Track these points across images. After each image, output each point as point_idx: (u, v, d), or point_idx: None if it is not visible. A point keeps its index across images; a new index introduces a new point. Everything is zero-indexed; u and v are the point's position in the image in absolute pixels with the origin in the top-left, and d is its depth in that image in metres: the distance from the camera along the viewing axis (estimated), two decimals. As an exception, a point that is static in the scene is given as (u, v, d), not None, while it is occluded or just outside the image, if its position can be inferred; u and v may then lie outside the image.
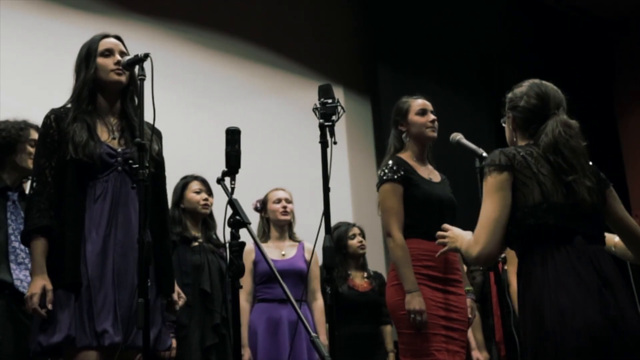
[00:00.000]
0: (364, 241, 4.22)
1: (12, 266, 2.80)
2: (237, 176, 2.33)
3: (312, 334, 2.06)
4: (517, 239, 2.07)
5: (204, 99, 4.85)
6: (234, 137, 2.35)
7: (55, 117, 2.40)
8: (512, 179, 2.07)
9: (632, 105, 7.07)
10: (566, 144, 2.09)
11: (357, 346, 3.92)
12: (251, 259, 3.70)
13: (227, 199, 2.28)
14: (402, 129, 3.13)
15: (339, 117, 2.46)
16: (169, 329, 2.75)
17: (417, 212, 2.97)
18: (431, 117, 3.10)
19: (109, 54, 2.45)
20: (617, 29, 7.16)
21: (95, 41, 2.48)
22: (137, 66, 2.31)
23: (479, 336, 4.13)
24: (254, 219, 3.53)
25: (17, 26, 4.10)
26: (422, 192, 2.98)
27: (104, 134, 2.43)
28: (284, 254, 3.80)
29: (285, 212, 3.84)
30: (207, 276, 3.49)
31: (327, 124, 2.44)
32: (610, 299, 1.96)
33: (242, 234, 2.28)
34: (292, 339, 3.54)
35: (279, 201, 3.85)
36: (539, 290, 1.99)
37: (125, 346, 2.24)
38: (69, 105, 2.45)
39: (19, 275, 2.80)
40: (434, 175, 3.13)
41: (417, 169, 3.06)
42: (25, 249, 2.83)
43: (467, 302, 3.05)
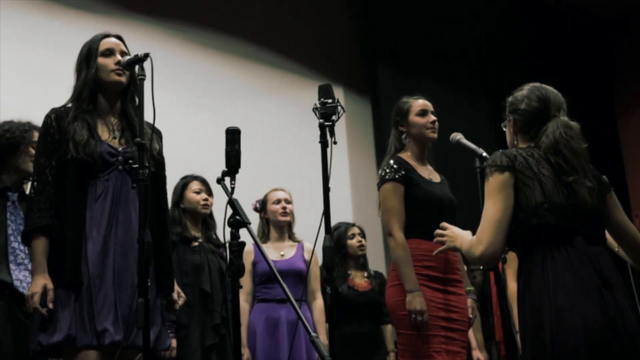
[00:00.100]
0: (363, 241, 4.21)
1: (12, 267, 2.80)
2: (237, 176, 2.33)
3: (312, 334, 2.06)
4: (519, 239, 2.07)
5: (204, 99, 4.85)
6: (233, 137, 2.35)
7: (55, 116, 2.40)
8: (514, 179, 2.07)
9: (632, 105, 7.07)
10: (567, 145, 2.10)
11: (357, 346, 3.91)
12: (250, 259, 3.69)
13: (227, 198, 2.28)
14: (402, 129, 3.12)
15: (339, 117, 2.46)
16: (169, 328, 2.75)
17: (418, 212, 2.96)
18: (432, 117, 3.10)
19: (109, 53, 2.45)
20: (617, 29, 7.16)
21: (96, 41, 2.48)
22: (137, 66, 2.31)
23: (479, 336, 4.13)
24: (254, 219, 3.53)
25: (17, 26, 4.10)
26: (423, 192, 2.98)
27: (104, 134, 2.43)
28: (283, 255, 3.80)
29: (284, 213, 3.84)
30: (207, 276, 3.49)
31: (327, 123, 2.44)
32: (609, 300, 1.97)
33: (242, 234, 2.28)
34: (292, 338, 3.54)
35: (278, 202, 3.85)
36: (539, 290, 2.00)
37: (125, 345, 2.24)
38: (70, 104, 2.45)
39: (19, 275, 2.80)
40: (434, 175, 3.13)
41: (418, 168, 3.06)
42: (25, 249, 2.83)
43: (468, 302, 3.05)
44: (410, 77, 5.68)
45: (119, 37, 2.53)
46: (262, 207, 3.91)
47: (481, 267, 3.02)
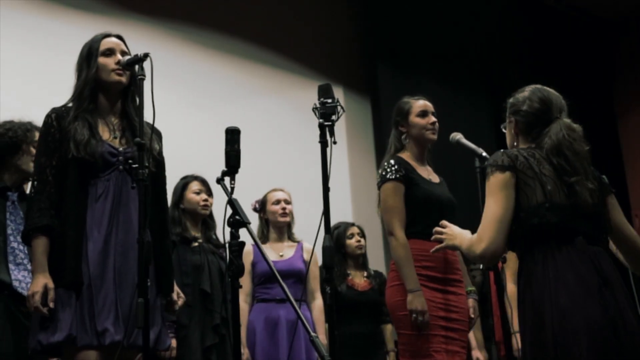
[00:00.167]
0: (362, 241, 4.21)
1: (11, 267, 2.79)
2: (237, 176, 2.33)
3: (312, 334, 2.06)
4: (520, 239, 2.07)
5: (204, 99, 4.85)
6: (233, 136, 2.35)
7: (56, 115, 2.39)
8: (515, 179, 2.07)
9: (632, 105, 7.06)
10: (570, 146, 2.10)
11: (356, 346, 3.91)
12: (249, 259, 3.69)
13: (226, 198, 2.28)
14: (402, 129, 3.12)
15: (338, 117, 2.46)
16: (168, 329, 2.76)
17: (417, 212, 2.96)
18: (432, 119, 3.09)
19: (110, 53, 2.45)
20: (617, 29, 7.15)
21: (96, 40, 2.48)
22: (137, 66, 2.31)
23: (478, 335, 4.13)
24: (253, 219, 3.53)
25: (17, 26, 4.10)
26: (423, 192, 2.98)
27: (105, 133, 2.43)
28: (282, 255, 3.79)
29: (284, 214, 3.83)
30: (207, 276, 3.49)
31: (326, 123, 2.43)
32: (610, 299, 1.97)
33: (241, 234, 2.28)
34: (291, 338, 3.54)
35: (277, 202, 3.85)
36: (540, 289, 2.00)
37: (126, 345, 2.24)
38: (70, 104, 2.44)
39: (18, 275, 2.80)
40: (433, 176, 3.13)
41: (417, 169, 3.06)
42: (24, 249, 2.83)
43: (469, 302, 3.05)
44: (410, 77, 5.68)
45: (120, 37, 2.52)
46: (261, 207, 3.90)
47: (481, 267, 3.02)
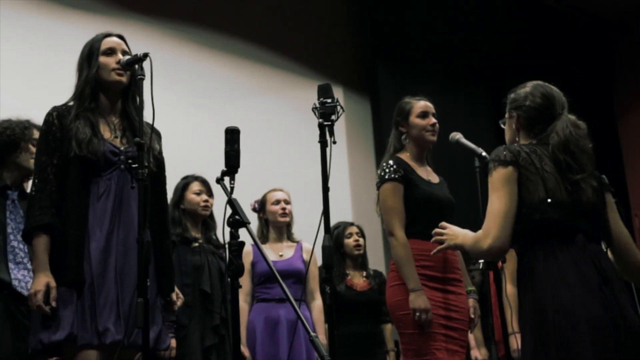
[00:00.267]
0: (360, 240, 4.20)
1: (11, 265, 2.80)
2: (237, 176, 2.33)
3: (312, 334, 2.06)
4: (521, 234, 2.06)
5: (204, 99, 4.85)
6: (233, 136, 2.34)
7: (57, 114, 2.39)
8: (517, 174, 2.07)
9: (632, 105, 7.06)
10: (576, 143, 2.10)
11: (356, 346, 3.91)
12: (249, 259, 3.69)
13: (226, 198, 2.28)
14: (402, 129, 3.12)
15: (338, 117, 2.46)
16: (168, 328, 2.76)
17: (416, 212, 2.96)
18: (432, 120, 3.09)
19: (111, 52, 2.45)
20: (617, 29, 7.15)
21: (98, 40, 2.48)
22: (137, 66, 2.31)
23: (478, 335, 4.13)
24: (252, 219, 3.53)
25: (17, 26, 4.10)
26: (422, 192, 2.98)
27: (106, 133, 2.43)
28: (282, 255, 3.79)
29: (284, 214, 3.83)
30: (207, 277, 3.49)
31: (326, 123, 2.42)
32: (610, 297, 1.98)
33: (241, 234, 2.27)
34: (291, 338, 3.53)
35: (277, 202, 3.84)
36: (541, 287, 2.00)
37: (126, 345, 2.24)
38: (71, 103, 2.44)
39: (17, 275, 2.80)
40: (433, 176, 3.13)
41: (417, 169, 3.06)
42: (24, 248, 2.83)
43: (469, 302, 3.05)
44: (409, 77, 5.68)
45: (121, 37, 2.52)
46: (261, 207, 3.90)
47: (480, 267, 3.01)
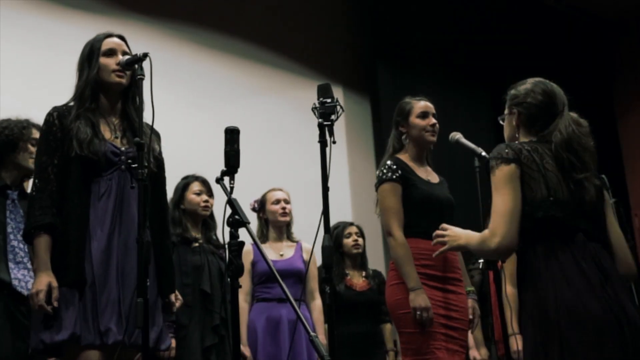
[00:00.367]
0: (359, 240, 4.20)
1: (11, 265, 2.80)
2: (237, 176, 2.33)
3: (312, 334, 2.06)
4: (523, 232, 2.05)
5: (204, 99, 4.85)
6: (232, 136, 2.34)
7: (58, 114, 2.39)
8: (520, 171, 2.06)
9: (632, 105, 7.05)
10: (579, 141, 2.10)
11: (356, 345, 3.91)
12: (249, 259, 3.69)
13: (226, 198, 2.28)
14: (402, 130, 3.12)
15: (338, 117, 2.46)
16: (168, 328, 2.76)
17: (415, 212, 2.97)
18: (432, 120, 3.09)
19: (111, 53, 2.44)
20: (617, 29, 7.14)
21: (98, 40, 2.47)
22: (137, 66, 2.30)
23: (478, 335, 4.13)
24: (252, 218, 3.53)
25: (17, 26, 4.10)
26: (420, 192, 2.98)
27: (106, 133, 2.43)
28: (282, 254, 3.80)
29: (284, 214, 3.84)
30: (207, 277, 3.49)
31: (326, 123, 2.42)
32: (612, 295, 1.98)
33: (241, 234, 2.27)
34: (292, 338, 3.54)
35: (277, 202, 3.85)
36: (543, 285, 1.99)
37: (128, 345, 2.24)
38: (72, 103, 2.44)
39: (17, 274, 2.80)
40: (432, 176, 3.13)
41: (416, 169, 3.06)
42: (24, 247, 2.83)
43: (469, 302, 3.05)
44: (409, 77, 5.68)
45: (122, 37, 2.52)
46: (260, 207, 3.90)
47: (480, 267, 3.01)
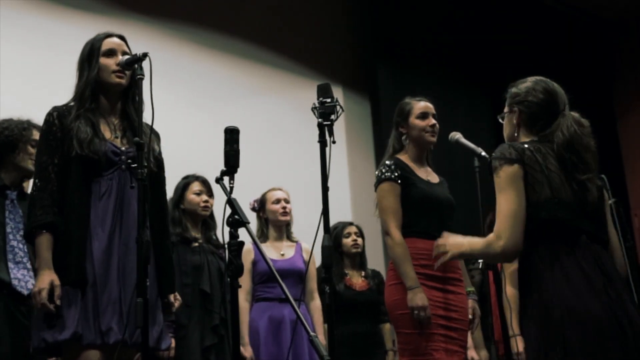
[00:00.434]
0: (358, 240, 4.20)
1: (10, 265, 2.80)
2: (236, 175, 2.33)
3: (311, 334, 2.06)
4: (526, 234, 2.04)
5: (204, 99, 4.85)
6: (232, 136, 2.33)
7: (58, 114, 2.39)
8: (523, 172, 2.05)
9: (632, 105, 7.06)
10: (581, 142, 2.08)
11: (355, 345, 3.91)
12: (250, 258, 3.69)
13: (226, 198, 2.28)
14: (402, 130, 3.12)
15: (337, 117, 2.45)
16: (167, 328, 2.76)
17: (415, 212, 2.97)
18: (432, 121, 3.09)
19: (111, 54, 2.44)
20: (617, 29, 7.15)
21: (98, 40, 2.47)
22: (136, 65, 2.30)
23: (477, 335, 4.13)
24: (251, 218, 3.54)
25: (17, 26, 4.10)
26: (419, 192, 2.98)
27: (106, 133, 2.43)
28: (284, 254, 3.80)
29: (285, 213, 3.84)
30: (207, 277, 3.49)
31: (325, 123, 2.42)
32: (615, 298, 1.98)
33: (240, 234, 2.28)
34: (294, 338, 3.54)
35: (278, 201, 3.85)
36: (547, 287, 1.99)
37: (129, 345, 2.24)
38: (72, 103, 2.44)
39: (17, 274, 2.80)
40: (432, 176, 3.13)
41: (416, 170, 3.06)
42: (23, 247, 2.83)
43: (469, 303, 3.05)
44: (409, 77, 5.68)
45: (122, 37, 2.51)
46: (260, 206, 3.91)
47: (480, 267, 3.01)
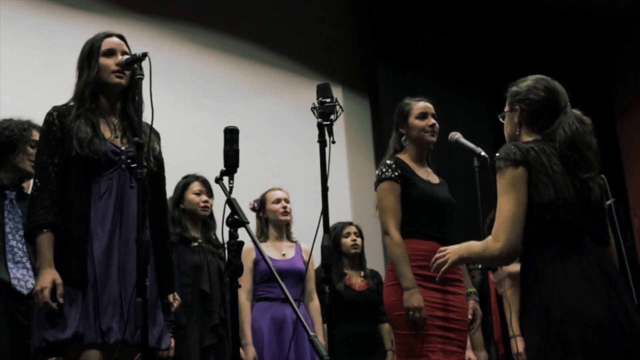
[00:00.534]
0: (358, 240, 4.20)
1: (10, 265, 2.80)
2: (236, 175, 2.33)
3: (311, 333, 2.07)
4: (528, 235, 2.04)
5: (204, 99, 4.85)
6: (232, 136, 2.33)
7: (58, 114, 2.39)
8: (527, 174, 2.04)
9: (632, 105, 7.06)
10: (582, 139, 2.08)
11: (355, 345, 3.91)
12: (252, 257, 3.68)
13: (226, 198, 2.28)
14: (402, 131, 3.12)
15: (337, 117, 2.45)
16: (167, 328, 2.76)
17: (414, 212, 2.97)
18: (431, 121, 3.09)
19: (111, 54, 2.44)
20: (617, 29, 7.15)
21: (98, 39, 2.47)
22: (136, 65, 2.30)
23: (478, 337, 4.13)
24: (251, 218, 3.53)
25: (17, 26, 4.10)
26: (420, 192, 2.98)
27: (106, 133, 2.43)
28: (284, 254, 3.80)
29: (285, 213, 3.84)
30: (207, 277, 3.49)
31: (325, 123, 2.42)
32: (616, 300, 1.98)
33: (240, 234, 2.28)
34: (296, 338, 3.54)
35: (278, 201, 3.85)
36: (549, 289, 1.99)
37: (131, 344, 2.24)
38: (72, 103, 2.44)
39: (17, 274, 2.80)
40: (433, 177, 3.13)
41: (416, 170, 3.06)
42: (23, 247, 2.83)
43: (470, 303, 3.05)
44: (409, 77, 5.68)
45: (121, 37, 2.51)
46: (260, 206, 3.91)
47: (480, 267, 3.01)
